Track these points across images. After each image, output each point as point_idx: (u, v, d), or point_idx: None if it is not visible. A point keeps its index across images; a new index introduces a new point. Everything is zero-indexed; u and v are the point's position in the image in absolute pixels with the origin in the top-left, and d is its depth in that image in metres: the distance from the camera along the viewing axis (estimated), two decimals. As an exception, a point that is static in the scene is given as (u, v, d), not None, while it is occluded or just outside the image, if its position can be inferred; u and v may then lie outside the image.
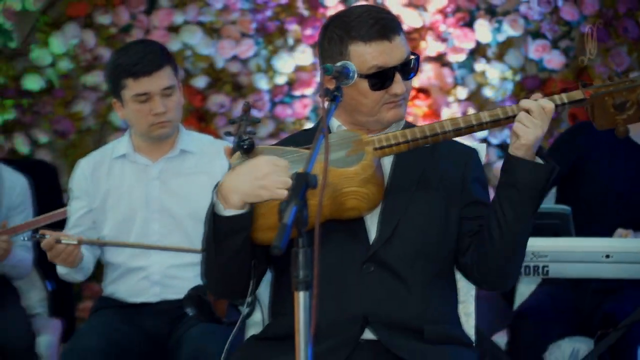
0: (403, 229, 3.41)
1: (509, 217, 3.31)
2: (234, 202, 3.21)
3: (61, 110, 6.83)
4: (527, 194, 3.29)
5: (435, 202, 3.47)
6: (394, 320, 3.38)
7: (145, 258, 4.72)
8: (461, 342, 3.52)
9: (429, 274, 3.45)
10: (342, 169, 3.24)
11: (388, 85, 3.39)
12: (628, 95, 3.24)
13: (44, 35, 6.81)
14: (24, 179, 5.52)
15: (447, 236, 3.48)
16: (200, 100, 6.81)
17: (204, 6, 6.81)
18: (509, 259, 3.41)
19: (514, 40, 6.79)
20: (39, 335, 5.35)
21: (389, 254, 3.39)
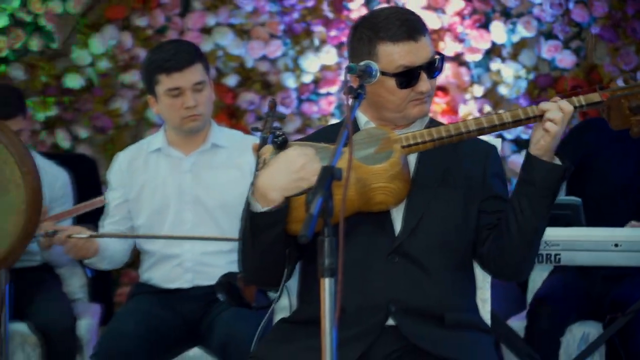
0: (426, 222, 3.41)
1: (527, 212, 3.31)
2: (274, 199, 3.19)
3: (100, 107, 6.84)
4: (544, 192, 3.29)
5: (456, 196, 3.46)
6: (417, 307, 3.39)
7: (179, 246, 4.73)
8: (479, 328, 3.53)
9: (449, 264, 3.45)
10: (371, 166, 3.24)
11: (414, 84, 3.38)
12: None
13: (84, 36, 6.82)
14: (65, 172, 5.53)
15: (467, 229, 3.48)
16: (231, 98, 6.81)
17: (234, 9, 6.80)
18: (524, 253, 3.42)
19: (528, 41, 6.76)
20: (79, 319, 5.36)
21: (413, 245, 3.39)
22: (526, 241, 3.38)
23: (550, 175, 3.28)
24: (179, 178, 4.76)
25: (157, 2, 6.79)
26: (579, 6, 6.65)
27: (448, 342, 3.37)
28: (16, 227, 3.74)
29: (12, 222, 3.74)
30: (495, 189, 3.50)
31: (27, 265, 5.44)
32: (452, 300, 3.45)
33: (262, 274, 3.45)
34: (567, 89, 6.67)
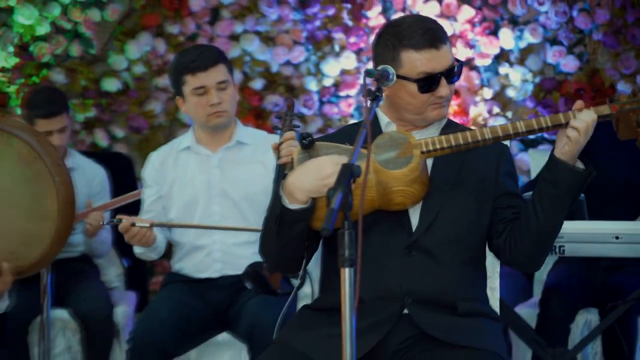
0: (441, 220, 3.42)
1: (547, 209, 3.32)
2: (299, 198, 3.21)
3: (135, 109, 6.85)
4: (565, 193, 3.30)
5: (470, 195, 3.47)
6: (431, 298, 3.40)
7: (208, 237, 4.75)
8: (489, 316, 3.53)
9: (462, 258, 3.46)
10: (392, 170, 3.25)
11: (434, 89, 3.39)
12: None
13: (120, 43, 6.82)
14: (102, 169, 5.55)
15: (480, 225, 3.49)
16: (258, 100, 6.81)
17: (260, 17, 6.80)
18: (541, 247, 3.43)
19: (534, 47, 6.74)
20: (116, 306, 5.37)
21: (429, 240, 3.40)
22: (544, 237, 3.40)
23: (574, 178, 3.28)
24: (207, 173, 4.78)
25: (189, 10, 6.79)
26: (582, 14, 6.63)
27: (459, 330, 3.37)
28: (50, 231, 3.75)
29: (47, 228, 3.74)
30: (508, 187, 3.51)
31: (68, 257, 5.44)
32: (464, 291, 3.46)
33: (281, 262, 3.47)
34: (571, 91, 6.65)
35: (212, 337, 4.70)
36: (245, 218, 4.72)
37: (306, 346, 3.38)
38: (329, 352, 3.26)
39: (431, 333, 3.36)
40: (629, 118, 3.28)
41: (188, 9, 6.79)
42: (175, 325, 4.51)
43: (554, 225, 3.37)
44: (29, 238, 3.75)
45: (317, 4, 6.80)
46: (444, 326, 3.37)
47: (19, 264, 3.78)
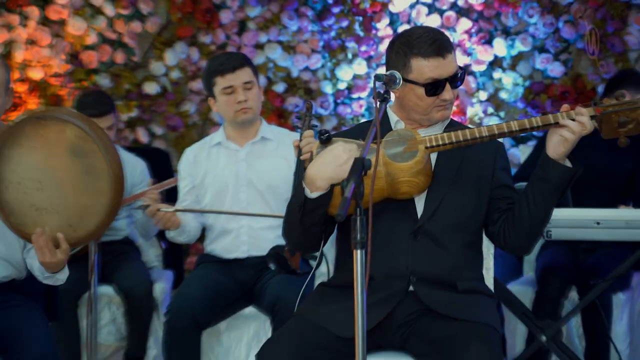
0: (444, 208, 3.45)
1: (538, 202, 3.34)
2: (320, 186, 3.22)
3: (172, 110, 6.85)
4: (554, 188, 3.31)
5: (469, 187, 3.49)
6: (434, 277, 3.43)
7: (237, 222, 4.76)
8: (485, 293, 3.56)
9: (462, 242, 3.49)
10: (399, 163, 3.28)
11: (440, 93, 3.41)
12: (630, 114, 3.25)
13: (159, 51, 6.83)
14: (143, 162, 5.56)
15: (478, 213, 3.51)
16: (280, 102, 6.81)
17: (282, 28, 6.78)
18: (532, 234, 3.44)
19: (524, 54, 6.71)
20: (155, 283, 5.37)
21: (432, 226, 3.43)
22: (534, 226, 3.41)
23: (563, 175, 3.29)
24: (236, 165, 4.78)
25: (219, 23, 6.79)
26: (567, 25, 6.59)
27: (459, 306, 3.40)
28: (103, 207, 3.74)
29: (100, 203, 3.73)
30: (503, 180, 3.54)
31: (113, 239, 5.48)
32: (463, 271, 3.49)
33: (301, 244, 3.49)
34: (557, 94, 6.62)
35: (239, 310, 4.69)
36: (269, 205, 4.73)
37: (322, 318, 3.40)
38: (343, 323, 3.30)
39: (434, 308, 3.39)
40: (611, 119, 3.28)
41: (218, 21, 6.79)
42: (207, 300, 4.51)
43: (543, 216, 3.39)
44: (84, 212, 3.75)
45: (333, 16, 6.79)
46: (445, 302, 3.40)
47: (75, 235, 3.78)
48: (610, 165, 5.14)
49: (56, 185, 3.72)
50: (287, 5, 6.78)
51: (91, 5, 6.71)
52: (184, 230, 4.70)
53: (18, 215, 3.76)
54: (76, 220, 3.76)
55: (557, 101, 6.60)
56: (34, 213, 3.74)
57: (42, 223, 3.73)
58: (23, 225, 3.76)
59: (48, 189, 3.71)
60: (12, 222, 3.78)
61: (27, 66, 6.62)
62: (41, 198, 3.72)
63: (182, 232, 4.71)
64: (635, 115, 3.25)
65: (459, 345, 3.21)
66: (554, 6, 6.64)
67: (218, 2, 6.78)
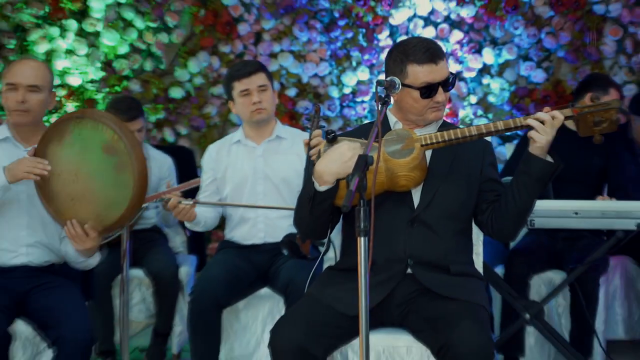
0: (438, 199, 3.46)
1: (522, 195, 3.36)
2: (327, 180, 3.26)
3: (196, 112, 6.85)
4: (536, 181, 3.33)
5: (461, 181, 3.51)
6: (429, 261, 3.44)
7: (254, 212, 4.76)
8: (475, 276, 3.57)
9: (454, 230, 3.50)
10: (397, 159, 3.30)
11: (433, 95, 3.43)
12: (603, 114, 3.28)
13: (184, 60, 6.82)
14: (169, 159, 5.57)
15: (468, 204, 3.53)
16: (291, 105, 6.81)
17: (294, 39, 6.78)
18: (516, 223, 3.46)
19: (510, 62, 6.70)
20: (180, 266, 5.37)
21: (427, 215, 3.44)
22: (518, 216, 3.43)
23: (543, 170, 3.31)
24: (253, 161, 4.79)
25: (237, 34, 6.78)
26: (548, 36, 6.59)
27: (452, 287, 3.41)
28: (127, 199, 3.77)
29: (125, 195, 3.76)
30: (490, 175, 3.56)
31: (143, 228, 5.49)
32: (456, 255, 3.50)
33: (311, 231, 3.50)
34: (540, 98, 6.62)
35: (255, 291, 4.68)
36: (283, 196, 4.74)
37: (330, 298, 3.41)
38: (348, 303, 3.30)
39: (430, 287, 3.40)
40: (587, 119, 3.30)
41: (237, 33, 6.78)
42: (227, 282, 4.51)
43: (527, 207, 3.41)
44: (111, 203, 3.78)
45: (339, 28, 6.78)
46: (440, 283, 3.41)
47: (103, 224, 3.81)
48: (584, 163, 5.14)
49: (89, 178, 3.75)
50: (298, 19, 6.78)
51: (123, 19, 6.71)
52: (199, 222, 4.69)
53: (57, 203, 3.80)
54: (104, 210, 3.79)
55: (540, 104, 6.60)
56: (69, 202, 3.78)
57: (75, 211, 3.77)
58: (60, 213, 3.81)
59: (82, 181, 3.75)
60: (52, 209, 3.82)
61: (66, 73, 6.64)
62: (76, 189, 3.76)
63: (197, 223, 4.70)
64: (609, 115, 3.28)
65: (452, 322, 3.23)
66: (537, 19, 6.63)
67: (236, 16, 6.77)
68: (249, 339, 4.68)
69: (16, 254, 4.00)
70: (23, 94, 3.97)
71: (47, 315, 3.83)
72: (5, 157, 3.94)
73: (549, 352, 5.03)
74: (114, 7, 6.69)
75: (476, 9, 6.66)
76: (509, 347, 4.87)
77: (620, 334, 5.45)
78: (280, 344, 3.26)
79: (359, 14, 6.76)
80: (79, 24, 6.64)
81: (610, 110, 3.28)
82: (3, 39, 6.47)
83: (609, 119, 3.28)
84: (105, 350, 5.15)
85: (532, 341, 5.01)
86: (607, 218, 4.42)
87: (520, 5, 6.63)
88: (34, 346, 3.89)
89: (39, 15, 6.57)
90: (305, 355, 3.25)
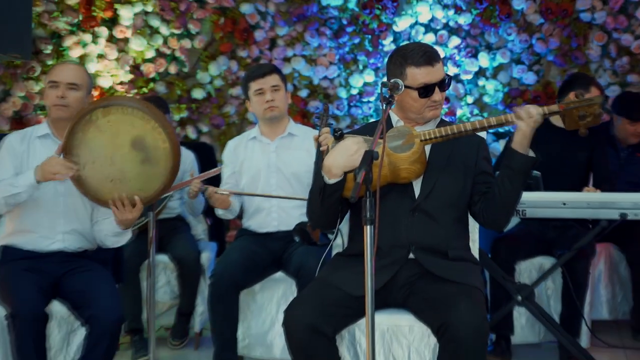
0: (437, 189, 3.47)
1: (507, 187, 3.37)
2: (335, 173, 3.26)
3: (216, 111, 6.85)
4: (517, 173, 3.34)
5: (457, 173, 3.51)
6: (429, 246, 3.44)
7: (268, 202, 4.75)
8: (471, 261, 3.56)
9: (452, 218, 3.50)
10: (399, 154, 3.32)
11: (430, 95, 3.43)
12: (588, 109, 3.29)
13: (205, 63, 6.83)
14: (192, 154, 5.56)
15: (464, 194, 3.52)
16: (303, 105, 6.81)
17: (306, 45, 6.78)
18: (505, 213, 3.47)
19: (504, 66, 6.69)
20: (202, 252, 5.37)
21: (427, 204, 3.45)
22: (506, 205, 3.43)
23: (524, 163, 3.33)
24: (267, 156, 4.78)
25: (254, 40, 6.78)
26: (539, 41, 6.57)
27: (451, 270, 3.41)
28: (165, 170, 3.78)
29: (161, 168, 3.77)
30: (484, 168, 3.56)
31: (168, 217, 5.48)
32: (453, 241, 3.50)
33: (324, 222, 3.49)
34: (531, 98, 6.60)
35: (270, 275, 4.68)
36: (293, 188, 4.73)
37: (338, 281, 3.41)
38: (354, 284, 3.31)
39: (431, 270, 3.40)
40: (572, 114, 3.31)
41: (253, 39, 6.78)
42: (244, 266, 4.51)
43: (512, 197, 3.41)
44: (150, 177, 3.79)
45: (347, 35, 6.78)
46: (439, 266, 3.41)
47: (144, 195, 3.83)
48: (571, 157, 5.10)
49: (124, 159, 3.76)
50: (309, 26, 6.78)
51: (150, 26, 6.72)
52: (232, 209, 4.73)
53: (96, 188, 3.80)
54: (144, 184, 3.81)
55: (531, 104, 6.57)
56: (109, 184, 3.78)
57: (117, 190, 3.79)
58: (101, 195, 3.81)
59: (118, 163, 3.76)
60: (91, 194, 3.82)
61: (98, 76, 6.64)
62: (113, 171, 3.76)
63: (231, 210, 4.74)
64: (592, 110, 3.28)
65: (450, 303, 3.22)
66: (528, 26, 6.62)
67: (253, 23, 6.78)
68: (264, 319, 4.68)
69: (53, 240, 4.00)
70: (63, 90, 4.00)
71: (80, 296, 3.83)
72: (46, 152, 3.95)
73: (538, 331, 5.01)
74: (141, 16, 6.70)
75: (472, 16, 6.66)
76: (500, 326, 4.84)
77: (604, 314, 5.43)
78: (294, 322, 3.26)
79: (365, 22, 6.75)
80: (109, 31, 6.65)
81: (594, 105, 3.29)
82: (40, 45, 6.47)
83: (593, 113, 3.29)
84: (134, 329, 5.15)
85: (523, 321, 4.99)
86: (593, 208, 4.40)
87: (513, 13, 6.61)
88: (69, 325, 3.89)
89: (73, 23, 6.57)
90: (316, 333, 3.25)
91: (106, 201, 3.81)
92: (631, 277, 5.41)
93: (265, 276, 4.67)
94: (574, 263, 4.78)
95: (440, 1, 6.68)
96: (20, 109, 6.40)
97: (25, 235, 3.99)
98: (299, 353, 3.28)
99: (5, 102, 6.39)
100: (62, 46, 6.56)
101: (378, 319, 3.26)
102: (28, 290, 3.75)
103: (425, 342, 3.39)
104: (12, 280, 3.82)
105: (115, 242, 4.08)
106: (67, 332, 3.89)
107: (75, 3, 6.55)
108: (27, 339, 3.62)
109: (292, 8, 6.81)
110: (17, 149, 4.02)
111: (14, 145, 4.03)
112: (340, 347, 3.39)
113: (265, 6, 6.80)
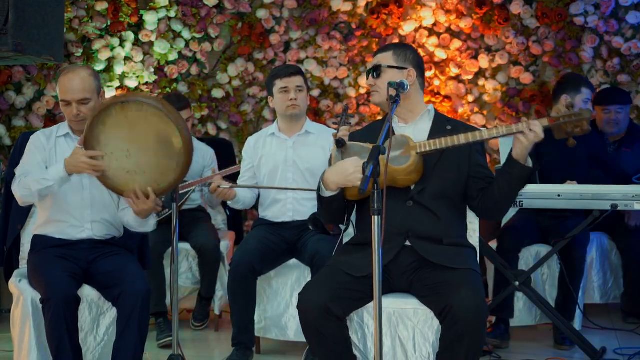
0: (432, 182, 3.49)
1: (505, 189, 3.42)
2: (332, 188, 3.39)
3: (234, 109, 6.86)
4: (516, 181, 3.39)
5: (451, 167, 3.53)
6: (425, 234, 3.47)
7: (284, 194, 4.76)
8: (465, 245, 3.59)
9: (445, 208, 3.52)
10: (396, 167, 3.37)
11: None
12: (576, 123, 3.32)
13: (224, 65, 6.83)
14: (211, 150, 5.57)
15: (458, 185, 3.55)
16: (315, 104, 6.81)
17: (317, 48, 6.77)
18: (502, 209, 3.55)
19: (502, 66, 6.66)
20: (221, 241, 5.38)
21: (422, 196, 3.49)
22: (503, 203, 3.50)
23: (523, 172, 3.36)
24: (285, 151, 4.78)
25: (269, 43, 6.78)
26: (535, 44, 6.55)
27: (446, 256, 3.44)
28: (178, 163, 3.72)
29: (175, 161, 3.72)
30: (479, 160, 3.57)
31: (190, 208, 5.49)
32: (448, 230, 3.52)
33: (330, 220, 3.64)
34: (527, 97, 6.58)
35: (285, 262, 4.69)
36: (308, 182, 4.72)
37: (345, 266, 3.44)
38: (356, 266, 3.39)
39: (427, 257, 3.43)
40: (561, 127, 3.35)
41: (269, 42, 6.78)
42: (261, 253, 4.52)
43: (509, 199, 3.47)
44: (164, 169, 3.75)
45: (356, 38, 6.77)
46: (435, 253, 3.44)
47: (160, 187, 3.80)
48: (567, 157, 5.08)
49: (141, 152, 3.72)
50: (321, 30, 6.77)
51: (173, 31, 6.73)
52: (239, 201, 4.71)
53: (114, 178, 3.78)
54: (159, 177, 3.77)
55: (528, 103, 6.58)
56: (126, 175, 3.76)
57: (133, 182, 3.77)
58: (118, 185, 3.79)
59: (134, 155, 3.73)
60: (109, 184, 3.80)
61: (125, 77, 6.65)
62: (130, 163, 3.74)
63: (237, 202, 4.71)
64: (580, 124, 3.32)
65: (451, 288, 3.25)
66: (525, 29, 6.60)
67: (269, 28, 6.78)
68: (279, 302, 4.69)
69: (82, 229, 4.01)
70: (77, 108, 3.94)
71: (109, 277, 3.84)
72: (68, 150, 3.96)
73: (535, 314, 5.02)
74: (165, 21, 6.71)
75: (473, 21, 6.63)
76: (500, 309, 4.85)
77: (596, 298, 5.43)
78: (308, 304, 3.29)
79: (373, 26, 6.74)
80: (135, 35, 6.67)
81: (582, 121, 3.32)
82: (72, 48, 6.49)
83: (580, 126, 3.33)
84: (158, 312, 5.17)
85: (521, 305, 4.99)
86: (585, 199, 4.40)
87: (511, 18, 6.59)
88: (98, 307, 3.90)
89: (101, 28, 6.59)
90: (329, 314, 3.28)
91: (122, 191, 3.81)
92: (622, 264, 5.42)
93: (280, 263, 4.68)
94: (571, 251, 4.79)
95: (443, 6, 6.66)
96: (52, 107, 6.43)
97: (56, 225, 4.00)
98: (311, 332, 3.31)
99: (39, 102, 6.42)
100: (91, 49, 6.58)
101: (385, 302, 3.28)
102: (59, 275, 3.76)
103: (429, 324, 3.40)
104: (44, 266, 3.83)
105: (139, 228, 4.08)
106: (96, 315, 3.90)
107: (104, 9, 6.56)
108: (60, 321, 3.63)
109: (305, 13, 6.81)
110: (45, 145, 4.03)
111: (42, 142, 4.04)
112: (349, 329, 3.41)
113: (280, 12, 6.80)
